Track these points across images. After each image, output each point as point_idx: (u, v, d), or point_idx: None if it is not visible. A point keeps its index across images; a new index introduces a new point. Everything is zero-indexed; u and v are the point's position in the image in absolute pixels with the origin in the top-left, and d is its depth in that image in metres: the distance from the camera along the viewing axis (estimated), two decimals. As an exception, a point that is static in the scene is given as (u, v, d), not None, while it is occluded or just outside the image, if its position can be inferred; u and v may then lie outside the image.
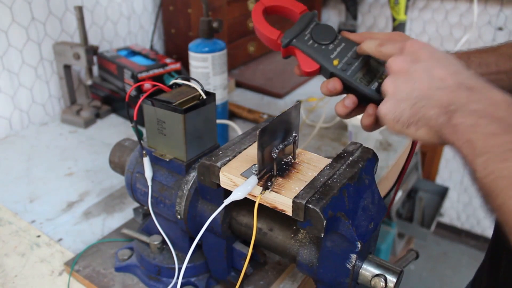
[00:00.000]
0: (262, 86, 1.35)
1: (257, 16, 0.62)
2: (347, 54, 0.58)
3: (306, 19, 0.61)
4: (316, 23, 0.60)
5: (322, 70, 0.59)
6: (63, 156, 1.00)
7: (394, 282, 0.47)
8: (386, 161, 0.98)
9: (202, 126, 0.60)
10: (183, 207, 0.59)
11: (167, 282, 0.64)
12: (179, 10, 1.32)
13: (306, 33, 0.60)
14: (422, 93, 0.44)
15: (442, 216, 2.28)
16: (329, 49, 0.59)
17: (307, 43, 0.59)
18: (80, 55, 1.07)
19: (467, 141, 0.40)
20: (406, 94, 0.46)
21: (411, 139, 0.51)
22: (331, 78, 0.58)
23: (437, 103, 0.43)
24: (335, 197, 0.45)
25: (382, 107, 0.48)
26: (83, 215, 0.81)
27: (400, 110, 0.46)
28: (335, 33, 0.59)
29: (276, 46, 0.61)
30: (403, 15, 1.46)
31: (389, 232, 1.74)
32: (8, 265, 0.69)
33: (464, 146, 0.40)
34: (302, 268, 0.53)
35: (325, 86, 0.59)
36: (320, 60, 0.58)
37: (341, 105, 0.59)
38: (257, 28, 0.62)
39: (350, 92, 0.58)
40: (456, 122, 0.41)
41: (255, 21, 0.62)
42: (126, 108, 0.91)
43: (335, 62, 0.58)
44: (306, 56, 0.59)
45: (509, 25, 1.69)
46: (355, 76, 0.57)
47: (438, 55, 0.47)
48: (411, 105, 0.45)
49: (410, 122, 0.46)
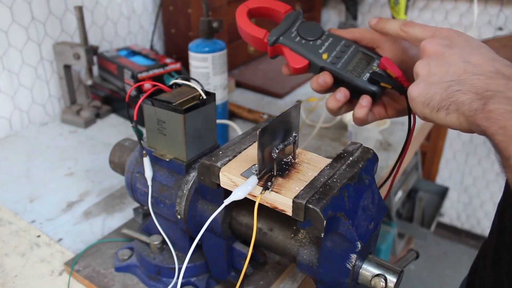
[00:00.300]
0: (262, 86, 1.35)
1: (241, 17, 0.61)
2: (335, 48, 0.58)
3: (291, 17, 0.60)
4: (301, 21, 0.60)
5: (312, 66, 0.58)
6: (63, 156, 1.00)
7: (394, 282, 0.47)
8: (386, 161, 0.98)
9: (202, 126, 0.60)
10: (183, 207, 0.59)
11: (167, 282, 0.64)
12: (179, 10, 1.32)
13: (293, 31, 0.59)
14: (457, 77, 0.43)
15: (442, 216, 2.28)
16: (317, 45, 0.58)
17: (294, 40, 0.59)
18: (80, 55, 1.07)
19: (502, 128, 0.39)
20: (439, 78, 0.45)
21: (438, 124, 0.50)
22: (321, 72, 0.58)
23: (472, 88, 0.42)
24: (335, 197, 0.45)
25: (412, 89, 0.47)
26: (83, 215, 0.81)
27: (432, 94, 0.45)
28: (321, 29, 0.59)
29: (263, 45, 0.61)
30: (403, 15, 1.47)
31: (389, 232, 1.74)
32: (8, 265, 0.70)
33: (499, 132, 0.39)
34: (302, 268, 0.53)
35: (315, 81, 0.58)
36: (309, 56, 0.58)
37: (332, 99, 0.58)
38: (242, 29, 0.62)
39: (342, 85, 0.58)
40: (491, 108, 0.40)
41: (240, 22, 0.61)
42: (126, 108, 0.91)
43: (324, 56, 0.57)
44: (294, 53, 0.59)
45: (509, 25, 1.69)
46: (345, 69, 0.57)
47: (475, 43, 0.46)
48: (444, 88, 0.44)
49: (441, 106, 0.44)
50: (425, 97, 0.45)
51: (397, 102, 0.61)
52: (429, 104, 0.45)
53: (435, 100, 0.45)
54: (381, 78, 0.56)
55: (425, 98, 0.45)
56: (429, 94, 0.45)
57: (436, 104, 0.45)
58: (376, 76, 0.56)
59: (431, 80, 0.45)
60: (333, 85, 0.59)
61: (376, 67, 0.57)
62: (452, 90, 0.43)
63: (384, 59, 0.56)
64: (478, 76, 0.42)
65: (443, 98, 0.44)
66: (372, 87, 0.57)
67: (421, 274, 2.10)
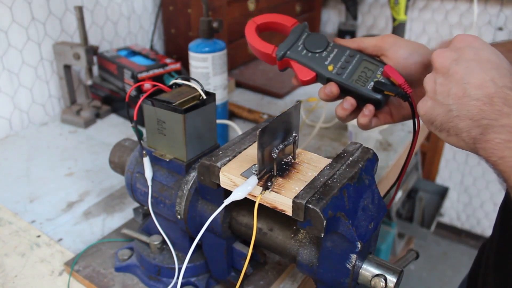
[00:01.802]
0: (262, 86, 1.35)
1: (250, 34, 0.64)
2: (340, 59, 0.61)
3: (297, 31, 0.63)
4: (307, 33, 0.63)
5: (319, 77, 0.61)
6: (63, 156, 1.00)
7: (394, 282, 0.47)
8: (386, 161, 0.98)
9: (202, 126, 0.60)
10: (183, 207, 0.59)
11: (167, 282, 0.64)
12: (179, 10, 1.32)
13: (299, 44, 0.62)
14: (456, 101, 0.44)
15: (442, 216, 2.28)
16: (322, 56, 0.61)
17: (301, 53, 0.62)
18: (80, 55, 1.07)
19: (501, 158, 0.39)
20: (442, 98, 0.45)
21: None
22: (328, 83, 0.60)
23: (469, 114, 0.42)
24: (335, 197, 0.45)
25: (420, 106, 0.48)
26: (83, 215, 0.81)
27: (435, 115, 0.46)
28: (326, 41, 0.62)
29: (272, 60, 0.64)
30: (403, 15, 1.46)
31: (389, 232, 1.74)
32: (8, 265, 0.70)
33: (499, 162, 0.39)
34: (302, 268, 0.53)
35: (322, 92, 0.60)
36: (316, 68, 0.61)
37: (340, 108, 0.60)
38: (252, 46, 0.65)
39: (348, 94, 0.60)
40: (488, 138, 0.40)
41: (249, 39, 0.64)
42: (126, 108, 0.91)
43: (330, 68, 0.60)
44: (302, 65, 0.61)
45: (509, 25, 1.69)
46: (350, 79, 0.60)
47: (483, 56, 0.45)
48: (445, 112, 0.45)
49: (443, 128, 0.45)
50: (430, 117, 0.47)
51: (402, 107, 0.62)
52: (433, 124, 0.47)
53: (437, 122, 0.46)
54: (384, 86, 0.58)
55: (430, 117, 0.47)
56: (432, 115, 0.46)
57: (439, 125, 0.46)
58: (379, 85, 0.58)
59: (436, 99, 0.46)
60: (340, 94, 0.61)
61: (380, 75, 0.59)
62: (451, 116, 0.44)
63: (387, 67, 0.58)
64: (475, 101, 0.42)
65: (444, 121, 0.45)
66: (377, 96, 0.59)
67: (421, 274, 2.10)
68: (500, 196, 0.65)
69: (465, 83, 0.43)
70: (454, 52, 0.46)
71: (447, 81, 0.45)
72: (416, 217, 1.94)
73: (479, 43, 0.46)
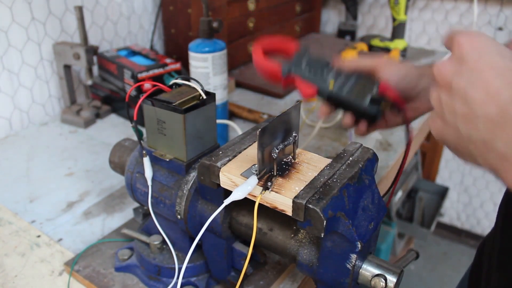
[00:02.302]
0: (262, 86, 1.35)
1: (257, 55, 0.71)
2: (340, 76, 0.67)
3: (300, 53, 0.70)
4: (309, 56, 0.70)
5: (320, 92, 0.67)
6: (63, 156, 1.00)
7: (394, 282, 0.47)
8: (386, 161, 0.98)
9: (202, 126, 0.60)
10: (183, 207, 0.59)
11: (167, 282, 0.64)
12: (179, 10, 1.32)
13: (302, 62, 0.69)
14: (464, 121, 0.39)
15: (442, 216, 2.28)
16: (324, 74, 0.68)
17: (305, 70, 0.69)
18: (80, 55, 1.07)
19: None
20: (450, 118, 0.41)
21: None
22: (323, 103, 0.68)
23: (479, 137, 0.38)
24: (335, 197, 0.45)
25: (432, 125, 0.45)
26: (83, 215, 0.81)
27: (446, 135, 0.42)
28: (327, 62, 0.69)
29: (278, 77, 0.70)
30: (403, 15, 1.47)
31: (389, 232, 1.74)
32: (8, 265, 0.70)
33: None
34: (302, 268, 0.53)
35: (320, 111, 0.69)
36: (317, 83, 0.67)
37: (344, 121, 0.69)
38: (258, 65, 0.71)
39: (348, 109, 0.67)
40: (507, 166, 0.36)
41: (256, 60, 0.71)
42: (126, 108, 0.91)
43: (330, 86, 0.67)
44: (305, 80, 0.68)
45: (509, 25, 1.69)
46: (349, 94, 0.66)
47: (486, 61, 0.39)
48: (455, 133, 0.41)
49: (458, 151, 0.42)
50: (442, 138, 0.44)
51: (397, 117, 0.68)
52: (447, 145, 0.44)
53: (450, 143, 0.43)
54: (379, 102, 0.64)
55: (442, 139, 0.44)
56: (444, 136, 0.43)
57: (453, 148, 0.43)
58: (375, 101, 0.64)
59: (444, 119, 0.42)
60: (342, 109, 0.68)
61: (376, 91, 0.65)
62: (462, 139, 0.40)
63: (381, 84, 0.64)
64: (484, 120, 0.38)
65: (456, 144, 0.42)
66: (373, 110, 0.65)
67: (421, 274, 2.10)
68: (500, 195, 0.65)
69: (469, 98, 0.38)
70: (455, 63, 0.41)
71: (451, 98, 0.40)
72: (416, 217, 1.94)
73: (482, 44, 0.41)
